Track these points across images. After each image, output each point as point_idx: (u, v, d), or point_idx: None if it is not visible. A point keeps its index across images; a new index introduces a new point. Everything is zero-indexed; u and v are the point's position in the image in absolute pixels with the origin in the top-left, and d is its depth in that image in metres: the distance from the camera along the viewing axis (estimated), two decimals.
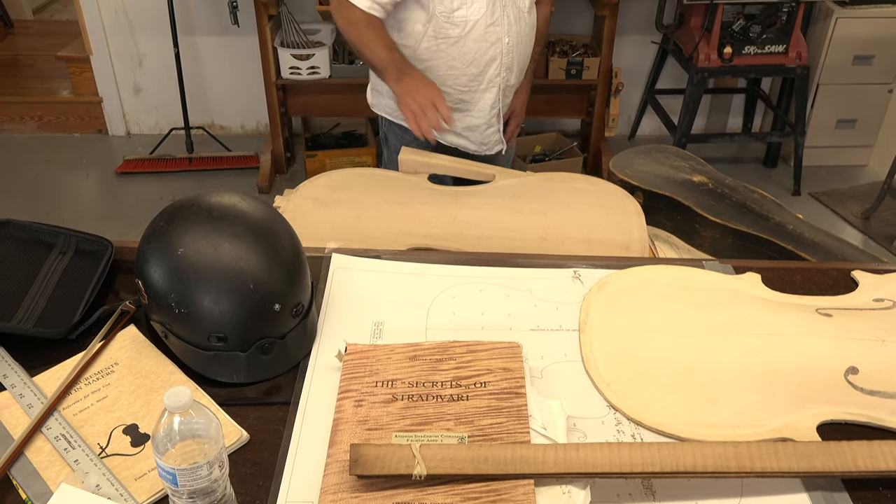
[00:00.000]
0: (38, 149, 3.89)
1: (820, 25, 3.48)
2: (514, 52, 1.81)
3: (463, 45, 1.76)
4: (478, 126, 1.91)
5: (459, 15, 1.72)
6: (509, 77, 1.85)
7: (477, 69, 1.80)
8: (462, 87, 1.83)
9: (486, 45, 1.76)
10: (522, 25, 1.80)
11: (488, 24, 1.74)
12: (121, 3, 3.66)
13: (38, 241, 1.18)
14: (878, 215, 3.35)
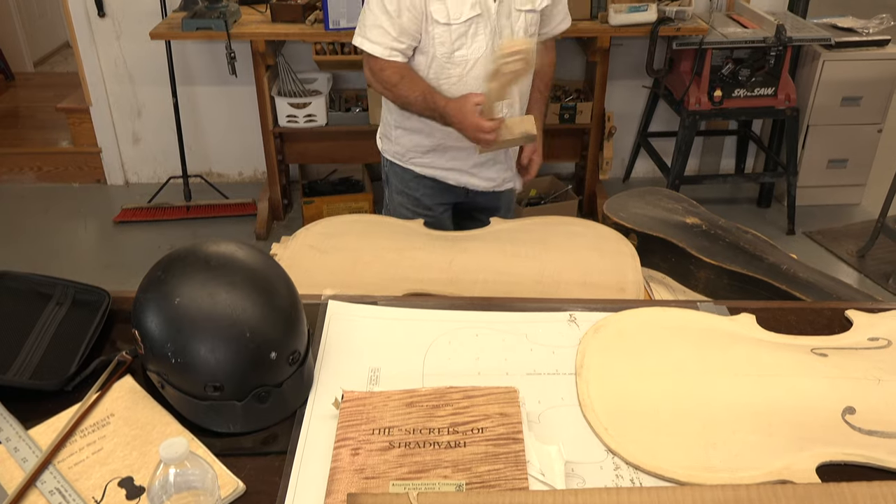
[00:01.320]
0: (37, 199, 3.91)
1: (808, 68, 3.55)
2: (514, 88, 1.84)
3: (464, 84, 1.81)
4: (484, 163, 1.96)
5: (460, 55, 1.78)
6: (512, 113, 1.88)
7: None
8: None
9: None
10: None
11: (487, 62, 1.77)
12: (120, 54, 3.72)
13: (35, 292, 1.18)
14: (872, 253, 3.37)
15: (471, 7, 1.74)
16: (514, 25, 1.80)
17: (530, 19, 1.83)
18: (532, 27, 1.84)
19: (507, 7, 1.78)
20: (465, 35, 1.76)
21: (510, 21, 1.80)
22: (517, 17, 1.80)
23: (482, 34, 1.77)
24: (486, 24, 1.77)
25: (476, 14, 1.75)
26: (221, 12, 3.07)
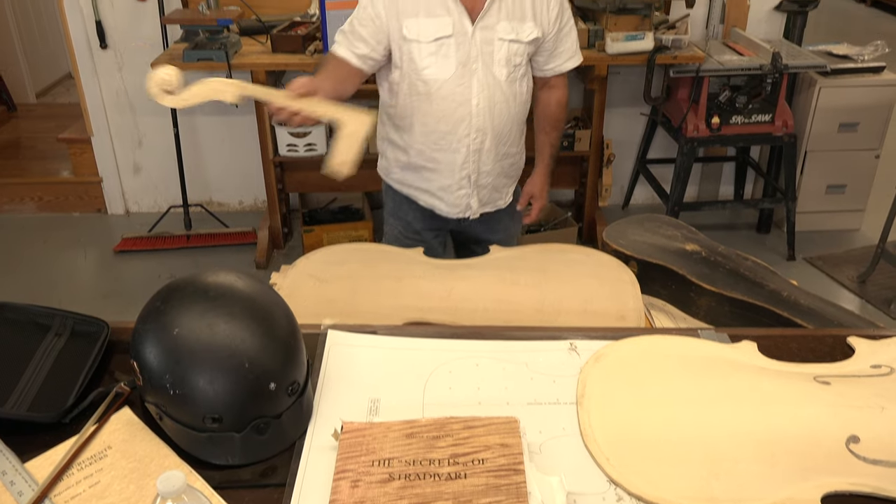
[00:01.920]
0: (37, 229, 3.92)
1: (804, 95, 3.58)
2: (487, 115, 1.84)
3: (432, 101, 1.83)
4: (448, 186, 1.95)
5: (428, 73, 1.80)
6: (483, 140, 1.88)
7: (446, 127, 1.85)
8: (433, 145, 1.89)
9: (453, 104, 1.82)
10: (497, 92, 1.83)
11: (456, 85, 1.81)
12: (122, 85, 3.75)
13: (34, 323, 1.18)
14: (873, 279, 3.36)
15: (443, 27, 1.76)
16: (496, 54, 1.81)
17: (515, 49, 1.82)
18: (518, 58, 1.84)
19: (489, 34, 1.79)
20: (435, 55, 1.78)
21: (491, 49, 1.80)
22: (499, 46, 1.80)
23: (452, 56, 1.78)
24: (459, 47, 1.78)
25: (446, 35, 1.77)
26: (222, 43, 3.10)
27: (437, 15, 1.77)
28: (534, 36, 1.83)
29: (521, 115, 1.94)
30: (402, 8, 1.77)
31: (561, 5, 1.87)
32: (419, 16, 1.76)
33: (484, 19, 1.78)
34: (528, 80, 1.92)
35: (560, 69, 1.97)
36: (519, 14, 1.81)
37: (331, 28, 2.96)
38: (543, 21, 1.85)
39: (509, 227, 2.13)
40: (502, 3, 1.79)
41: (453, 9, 1.76)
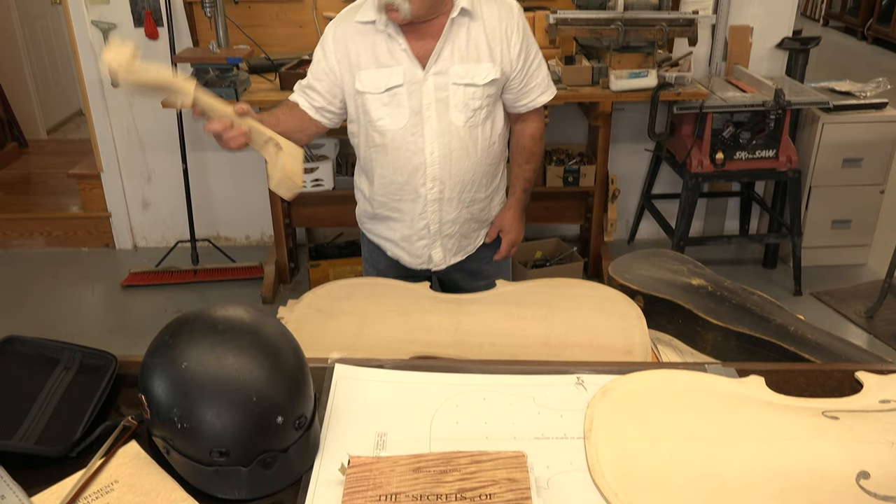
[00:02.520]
0: (46, 264, 3.95)
1: (808, 131, 3.60)
2: (443, 164, 1.80)
3: (387, 152, 1.80)
4: (409, 236, 1.92)
5: (382, 124, 1.78)
6: (441, 189, 1.83)
7: (402, 178, 1.82)
8: (393, 196, 1.87)
9: (407, 153, 1.79)
10: (453, 139, 1.78)
11: (409, 134, 1.77)
12: (132, 121, 3.81)
13: (43, 356, 1.19)
14: (881, 314, 3.35)
15: (394, 77, 1.73)
16: (451, 100, 1.75)
17: (471, 93, 1.76)
18: (476, 101, 1.77)
19: (442, 80, 1.74)
20: (388, 105, 1.75)
21: (446, 94, 1.75)
22: (454, 91, 1.75)
23: (405, 105, 1.74)
24: (411, 95, 1.74)
25: (397, 84, 1.73)
26: (232, 81, 3.15)
27: (388, 65, 1.73)
28: (491, 77, 1.76)
29: (487, 159, 1.86)
30: (353, 61, 1.75)
31: (523, 41, 1.80)
32: (370, 67, 1.74)
33: (436, 65, 1.73)
34: (494, 122, 1.85)
35: (532, 105, 1.90)
36: (474, 56, 1.75)
37: None
38: (504, 60, 1.78)
39: (490, 274, 2.02)
40: (454, 46, 1.74)
41: (403, 57, 1.73)
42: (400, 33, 1.72)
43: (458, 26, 1.74)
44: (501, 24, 1.77)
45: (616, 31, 3.06)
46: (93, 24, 3.59)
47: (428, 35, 1.73)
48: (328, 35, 1.79)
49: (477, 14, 1.75)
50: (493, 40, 1.76)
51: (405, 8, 1.64)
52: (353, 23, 1.76)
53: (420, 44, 1.73)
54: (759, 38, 3.68)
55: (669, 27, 3.06)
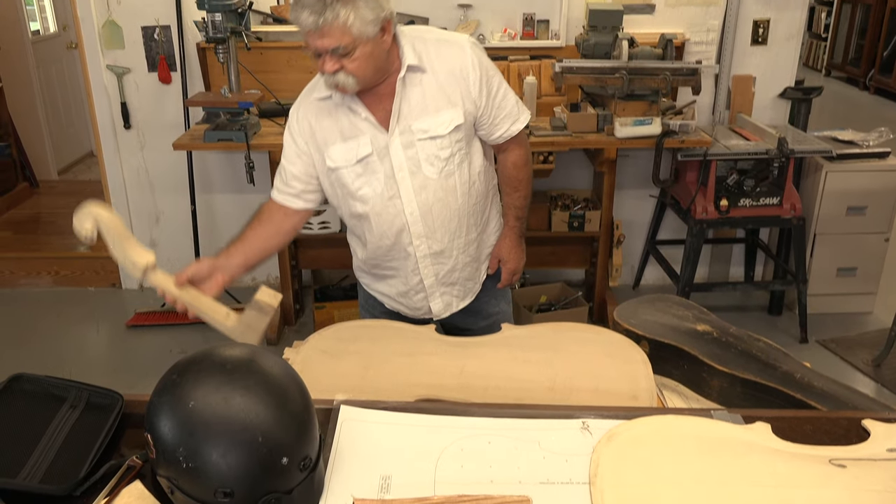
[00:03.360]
0: (52, 303, 3.96)
1: (811, 179, 3.63)
2: (424, 220, 1.79)
3: (370, 219, 1.79)
4: (406, 292, 1.92)
5: (362, 193, 1.76)
6: (430, 244, 1.82)
7: (389, 241, 1.81)
8: (384, 257, 1.87)
9: (389, 217, 1.78)
10: (430, 193, 1.76)
11: (387, 199, 1.76)
12: (143, 163, 3.86)
13: (50, 394, 1.19)
14: (888, 363, 3.32)
15: (362, 147, 1.72)
16: (420, 155, 1.73)
17: (438, 144, 1.73)
18: (444, 151, 1.74)
19: (407, 138, 1.72)
20: (363, 175, 1.74)
21: (414, 151, 1.73)
22: (421, 147, 1.72)
23: (379, 171, 1.73)
24: (382, 160, 1.73)
25: (367, 154, 1.72)
26: (242, 125, 3.20)
27: (353, 136, 1.72)
28: (455, 124, 1.73)
29: (471, 200, 1.84)
30: (319, 139, 1.74)
31: (482, 76, 1.74)
32: (336, 142, 1.73)
33: (398, 125, 1.71)
34: (471, 163, 1.82)
35: (507, 136, 1.85)
36: (432, 107, 1.72)
37: None
38: (466, 101, 1.74)
39: (492, 316, 2.02)
40: (410, 103, 1.71)
41: (366, 126, 1.71)
42: (358, 102, 1.70)
43: (409, 84, 1.71)
44: (455, 67, 1.72)
45: (621, 80, 3.11)
46: (108, 68, 3.67)
47: (385, 95, 1.71)
48: (292, 118, 1.78)
49: (426, 65, 1.71)
50: (449, 86, 1.73)
51: (350, 83, 1.61)
52: (312, 101, 1.75)
53: (379, 106, 1.72)
54: (761, 87, 3.74)
55: (673, 76, 3.11)
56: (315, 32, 1.54)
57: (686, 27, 3.61)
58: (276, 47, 3.56)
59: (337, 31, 1.53)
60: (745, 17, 3.60)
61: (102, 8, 3.56)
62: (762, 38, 3.66)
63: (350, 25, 1.53)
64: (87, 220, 1.52)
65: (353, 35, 1.55)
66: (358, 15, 1.53)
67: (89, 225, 1.52)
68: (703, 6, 3.58)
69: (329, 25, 1.52)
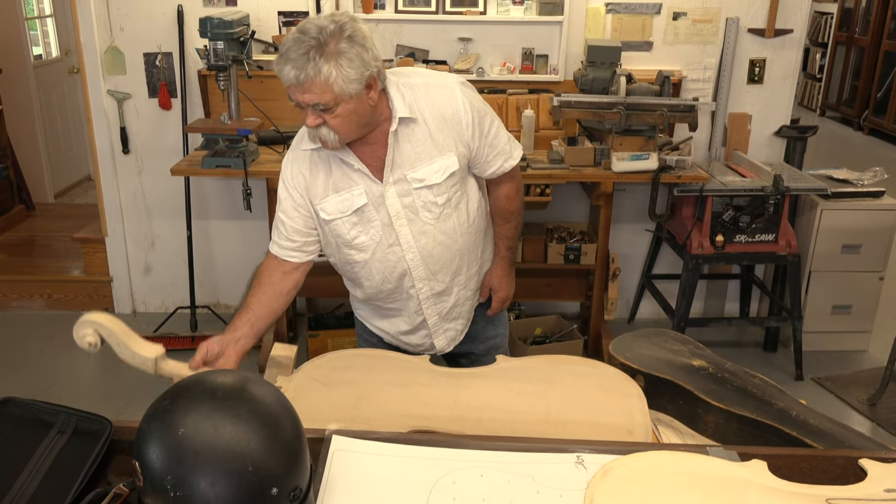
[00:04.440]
0: (44, 326, 3.93)
1: (806, 216, 3.65)
2: (425, 263, 1.79)
3: (369, 266, 1.78)
4: (409, 331, 1.92)
5: (359, 242, 1.75)
6: (433, 286, 1.83)
7: (391, 285, 1.81)
8: (386, 299, 1.86)
9: (390, 264, 1.77)
10: (430, 237, 1.76)
11: (387, 246, 1.75)
12: (140, 188, 3.86)
13: (38, 419, 1.18)
14: (884, 402, 3.31)
15: (357, 198, 1.70)
16: (416, 202, 1.72)
17: (435, 191, 1.72)
18: (441, 197, 1.73)
19: (403, 186, 1.71)
20: (358, 224, 1.73)
21: (411, 199, 1.72)
22: (417, 195, 1.72)
23: (376, 220, 1.72)
24: (378, 209, 1.72)
25: (363, 204, 1.70)
26: (241, 152, 3.21)
27: (347, 188, 1.70)
28: (451, 171, 1.72)
29: (470, 238, 1.85)
30: (312, 192, 1.72)
31: (474, 118, 1.73)
32: (329, 195, 1.71)
33: (392, 174, 1.70)
34: (468, 202, 1.82)
35: (500, 172, 1.85)
36: (426, 157, 1.71)
37: None
38: (459, 144, 1.73)
39: (490, 341, 2.03)
40: (403, 154, 1.70)
41: (358, 178, 1.70)
42: (349, 153, 1.69)
43: (401, 134, 1.69)
44: (447, 112, 1.71)
45: (618, 115, 3.14)
46: (109, 93, 3.69)
47: (377, 145, 1.69)
48: (285, 172, 1.76)
49: (417, 114, 1.69)
50: (442, 132, 1.71)
51: (332, 138, 1.60)
52: (302, 153, 1.73)
53: (372, 156, 1.70)
54: (757, 125, 3.77)
55: (670, 112, 3.14)
56: (297, 87, 1.53)
57: (683, 65, 3.65)
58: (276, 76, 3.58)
59: (318, 88, 1.52)
60: (741, 56, 3.65)
61: (105, 34, 3.59)
62: (758, 76, 3.70)
63: (332, 83, 1.51)
64: (87, 333, 1.52)
65: (335, 92, 1.52)
66: (340, 73, 1.51)
67: (91, 337, 1.53)
68: (700, 45, 3.63)
69: (311, 81, 1.51)
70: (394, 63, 3.57)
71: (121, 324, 1.53)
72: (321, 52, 1.50)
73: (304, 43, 1.51)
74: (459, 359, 2.03)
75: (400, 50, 3.60)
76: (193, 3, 3.53)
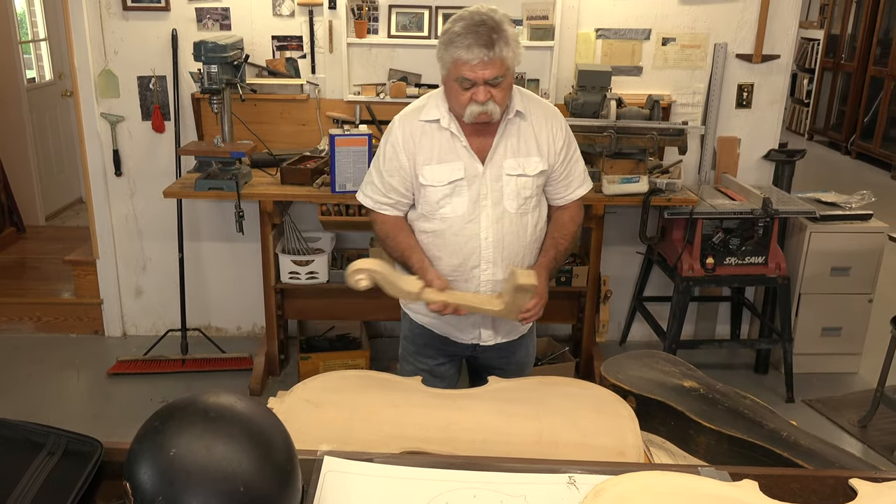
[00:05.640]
0: (33, 349, 3.91)
1: (796, 239, 3.68)
2: (496, 248, 1.94)
3: (444, 237, 1.94)
4: (460, 322, 2.01)
5: (442, 212, 1.92)
6: (495, 272, 1.96)
7: (458, 260, 1.95)
8: (447, 277, 1.95)
9: (463, 238, 1.93)
10: (506, 224, 1.94)
11: (466, 221, 1.92)
12: (132, 210, 3.86)
13: (28, 441, 1.17)
14: (874, 424, 3.32)
15: (455, 171, 1.90)
16: (505, 189, 1.93)
17: (523, 183, 1.94)
18: (527, 190, 1.95)
19: (496, 171, 1.92)
20: (449, 196, 1.92)
21: (500, 185, 1.92)
22: (507, 182, 1.93)
23: (465, 195, 1.91)
24: (471, 186, 1.91)
25: (459, 178, 1.90)
26: (234, 174, 3.22)
27: (449, 160, 1.91)
28: (540, 169, 1.95)
29: (533, 243, 2.02)
30: (418, 158, 1.92)
31: (566, 137, 2.00)
32: (431, 163, 1.91)
33: (492, 159, 1.91)
34: (541, 210, 2.02)
35: (572, 196, 2.07)
36: (524, 150, 1.93)
37: (339, 163, 3.09)
38: (550, 153, 1.96)
39: (523, 358, 2.16)
40: (508, 141, 1.92)
41: (464, 153, 1.91)
42: (461, 131, 1.91)
43: (511, 125, 1.93)
44: (548, 123, 1.97)
45: (609, 138, 3.17)
46: (102, 116, 3.70)
47: (486, 133, 1.92)
48: (397, 134, 1.94)
49: (527, 114, 1.95)
50: (541, 136, 1.96)
51: (496, 110, 1.84)
52: (417, 122, 1.94)
53: (478, 141, 1.92)
54: (746, 149, 3.82)
55: (660, 136, 3.17)
56: (483, 64, 1.78)
57: (672, 89, 3.70)
58: (269, 99, 3.62)
59: (499, 63, 1.79)
60: (729, 80, 3.70)
61: (99, 57, 3.61)
62: (746, 101, 3.75)
63: (507, 58, 1.79)
64: (361, 277, 1.81)
65: (508, 66, 1.81)
66: (510, 49, 1.80)
67: (365, 281, 1.81)
68: (689, 69, 3.68)
69: (497, 57, 1.77)
70: (387, 87, 3.60)
71: (387, 268, 1.83)
72: (499, 33, 1.78)
73: (485, 25, 1.77)
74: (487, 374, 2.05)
75: (393, 74, 3.64)
76: (188, 26, 3.56)
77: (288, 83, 3.61)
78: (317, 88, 3.62)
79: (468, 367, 2.21)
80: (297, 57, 3.62)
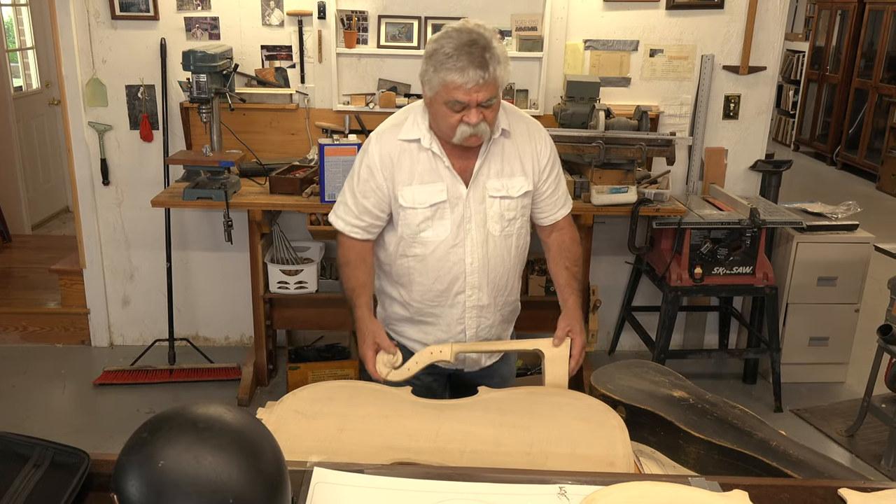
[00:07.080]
0: (18, 359, 3.87)
1: (783, 249, 3.70)
2: (481, 272, 1.88)
3: (427, 262, 1.86)
4: (445, 340, 1.93)
5: (424, 236, 1.85)
6: (480, 297, 1.90)
7: (442, 286, 1.88)
8: (430, 302, 1.91)
9: (448, 264, 1.86)
10: (491, 248, 1.87)
11: (451, 245, 1.85)
12: (119, 219, 3.84)
13: (13, 452, 1.15)
14: (861, 434, 3.34)
15: (438, 193, 1.82)
16: (489, 211, 1.85)
17: (507, 205, 1.86)
18: (511, 212, 1.87)
19: (480, 193, 1.84)
20: (431, 219, 1.83)
21: (483, 207, 1.84)
22: (491, 204, 1.85)
23: (448, 218, 1.83)
24: (454, 209, 1.83)
25: (441, 200, 1.82)
26: (222, 183, 3.21)
27: (430, 181, 1.82)
28: (525, 189, 1.88)
29: (518, 265, 1.97)
30: (397, 178, 1.83)
31: (551, 155, 1.93)
32: (412, 184, 1.82)
33: (475, 180, 1.84)
34: (525, 233, 1.95)
35: (559, 215, 2.00)
36: (508, 171, 1.86)
37: (329, 172, 3.09)
38: (534, 172, 1.89)
39: (506, 373, 2.11)
40: (491, 162, 1.85)
41: (446, 174, 1.82)
42: (443, 152, 1.82)
43: (495, 145, 1.85)
44: (532, 140, 1.91)
45: (597, 149, 3.19)
46: (89, 125, 3.68)
47: (469, 153, 1.84)
48: (374, 155, 1.85)
49: (512, 132, 1.88)
50: (525, 155, 1.89)
51: (487, 131, 1.78)
52: (396, 140, 1.84)
53: (461, 161, 1.84)
54: (733, 159, 3.84)
55: (648, 147, 3.19)
56: (478, 87, 1.70)
57: (660, 100, 3.72)
58: (258, 108, 3.61)
59: (493, 84, 1.72)
60: (716, 92, 3.73)
61: (87, 66, 3.60)
62: (733, 112, 3.78)
63: (500, 78, 1.73)
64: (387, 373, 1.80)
65: (498, 86, 1.75)
66: (502, 68, 1.73)
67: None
68: (677, 80, 3.70)
69: (491, 79, 1.71)
70: (376, 97, 3.61)
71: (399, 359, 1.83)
72: (491, 52, 1.70)
73: (476, 45, 1.69)
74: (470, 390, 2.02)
75: (382, 84, 3.64)
76: (176, 36, 3.55)
77: (277, 92, 3.61)
78: (306, 98, 3.62)
79: (450, 383, 2.14)
80: (286, 66, 3.61)
